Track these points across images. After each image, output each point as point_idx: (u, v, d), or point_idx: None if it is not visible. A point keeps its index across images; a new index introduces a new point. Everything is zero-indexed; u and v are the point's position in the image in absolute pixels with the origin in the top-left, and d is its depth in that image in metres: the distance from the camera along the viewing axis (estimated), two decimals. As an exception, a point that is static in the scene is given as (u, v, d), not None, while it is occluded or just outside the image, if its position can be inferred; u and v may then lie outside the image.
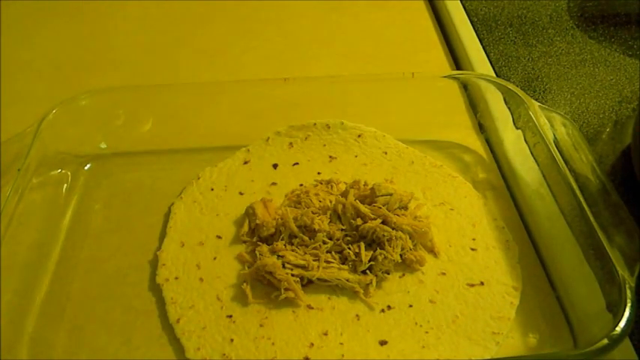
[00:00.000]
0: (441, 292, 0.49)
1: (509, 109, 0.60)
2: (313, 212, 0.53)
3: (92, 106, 0.60)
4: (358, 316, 0.48)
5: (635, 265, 0.44)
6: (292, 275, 0.49)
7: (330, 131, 0.63)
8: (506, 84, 0.60)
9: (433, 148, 0.63)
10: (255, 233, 0.53)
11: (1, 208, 0.49)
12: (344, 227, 0.52)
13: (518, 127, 0.59)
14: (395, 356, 0.45)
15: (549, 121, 0.56)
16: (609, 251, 0.45)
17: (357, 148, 0.62)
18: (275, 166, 0.61)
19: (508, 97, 0.60)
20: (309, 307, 0.48)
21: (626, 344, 0.45)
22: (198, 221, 0.55)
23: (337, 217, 0.52)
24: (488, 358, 0.45)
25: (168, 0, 0.90)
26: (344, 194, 0.54)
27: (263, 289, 0.49)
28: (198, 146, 0.63)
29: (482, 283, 0.49)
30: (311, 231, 0.51)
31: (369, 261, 0.49)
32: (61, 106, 0.58)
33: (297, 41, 0.81)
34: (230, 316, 0.48)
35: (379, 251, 0.49)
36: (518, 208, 0.57)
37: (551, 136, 0.54)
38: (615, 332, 0.40)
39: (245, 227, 0.54)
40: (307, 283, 0.49)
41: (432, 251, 0.52)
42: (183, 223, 0.55)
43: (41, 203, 0.55)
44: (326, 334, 0.46)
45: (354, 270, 0.50)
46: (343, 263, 0.50)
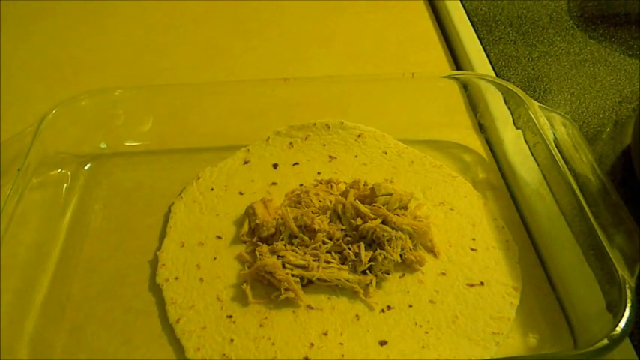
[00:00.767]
0: (441, 292, 0.49)
1: (509, 109, 0.60)
2: (313, 212, 0.53)
3: (92, 106, 0.60)
4: (358, 316, 0.48)
5: (635, 265, 0.44)
6: (292, 275, 0.49)
7: (330, 131, 0.63)
8: (506, 84, 0.60)
9: (433, 148, 0.63)
10: (255, 233, 0.53)
11: (1, 208, 0.49)
12: (344, 227, 0.52)
13: (518, 127, 0.59)
14: (395, 356, 0.45)
15: (549, 121, 0.56)
16: (609, 251, 0.45)
17: (357, 148, 0.62)
18: (275, 166, 0.61)
19: (508, 97, 0.60)
20: (309, 307, 0.48)
21: (626, 344, 0.45)
22: (198, 221, 0.55)
23: (337, 217, 0.52)
24: (488, 358, 0.45)
25: (168, 0, 0.90)
26: (344, 194, 0.54)
27: (263, 289, 0.49)
28: (198, 146, 0.63)
29: (482, 283, 0.49)
30: (311, 231, 0.51)
31: (369, 261, 0.49)
32: (61, 106, 0.58)
33: (297, 41, 0.81)
34: (230, 316, 0.48)
35: (379, 251, 0.49)
36: (518, 208, 0.57)
37: (551, 136, 0.54)
38: (615, 332, 0.40)
39: (245, 227, 0.54)
40: (307, 283, 0.49)
41: (432, 251, 0.52)
42: (183, 223, 0.55)
43: (41, 203, 0.55)
44: (326, 334, 0.46)
45: (354, 270, 0.50)
46: (343, 263, 0.50)
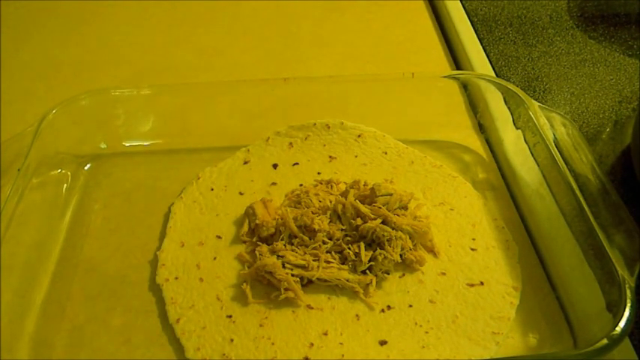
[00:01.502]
0: (440, 292, 0.49)
1: (509, 109, 0.60)
2: (313, 212, 0.53)
3: (92, 106, 0.60)
4: (358, 316, 0.48)
5: (635, 265, 0.44)
6: (292, 275, 0.49)
7: (330, 131, 0.63)
8: (506, 84, 0.60)
9: (433, 148, 0.63)
10: (255, 233, 0.53)
11: (1, 208, 0.49)
12: (344, 227, 0.52)
13: (518, 127, 0.59)
14: (395, 356, 0.45)
15: (549, 121, 0.56)
16: (609, 251, 0.45)
17: (357, 148, 0.62)
18: (275, 166, 0.61)
19: (508, 97, 0.60)
20: (309, 307, 0.48)
21: (626, 344, 0.45)
22: (198, 221, 0.55)
23: (337, 217, 0.52)
24: (488, 358, 0.45)
25: (168, 0, 0.90)
26: (344, 194, 0.53)
27: (263, 289, 0.49)
28: (198, 146, 0.63)
29: (482, 283, 0.49)
30: (311, 231, 0.51)
31: (369, 261, 0.49)
32: (61, 106, 0.58)
33: (297, 41, 0.81)
34: (230, 316, 0.48)
35: (379, 251, 0.49)
36: (518, 208, 0.57)
37: (551, 136, 0.54)
38: (615, 332, 0.40)
39: (245, 227, 0.54)
40: (307, 283, 0.49)
41: (431, 251, 0.52)
42: (183, 223, 0.55)
43: (41, 203, 0.55)
44: (326, 334, 0.46)
45: (354, 270, 0.50)
46: (343, 263, 0.50)
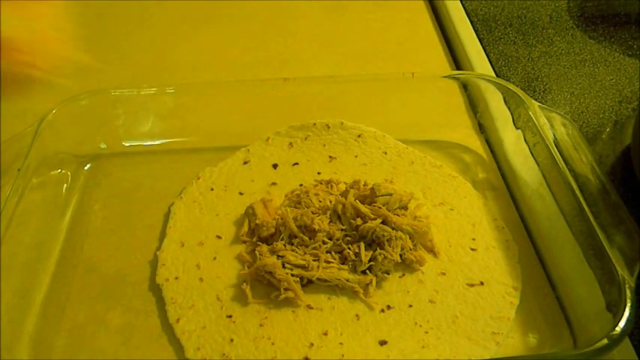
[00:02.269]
0: (440, 292, 0.49)
1: (509, 109, 0.60)
2: (313, 212, 0.53)
3: (92, 106, 0.60)
4: (358, 316, 0.48)
5: (635, 265, 0.44)
6: (292, 275, 0.49)
7: (329, 131, 0.63)
8: (506, 84, 0.60)
9: (433, 148, 0.63)
10: (255, 233, 0.53)
11: (1, 208, 0.49)
12: (344, 227, 0.52)
13: (518, 127, 0.59)
14: (395, 356, 0.45)
15: (549, 121, 0.56)
16: (609, 251, 0.45)
17: (357, 148, 0.62)
18: (275, 166, 0.61)
19: (508, 97, 0.60)
20: (309, 307, 0.48)
21: (626, 344, 0.45)
22: (198, 221, 0.55)
23: (337, 217, 0.52)
24: (488, 358, 0.45)
25: (168, 0, 0.90)
26: (344, 194, 0.53)
27: (263, 289, 0.49)
28: (198, 146, 0.63)
29: (482, 283, 0.49)
30: (311, 231, 0.51)
31: (369, 261, 0.49)
32: (61, 106, 0.58)
33: (297, 41, 0.81)
34: (230, 316, 0.48)
35: (379, 251, 0.49)
36: (518, 208, 0.57)
37: (551, 136, 0.54)
38: (615, 332, 0.40)
39: (245, 227, 0.54)
40: (307, 283, 0.49)
41: (431, 251, 0.52)
42: (183, 223, 0.55)
43: (41, 203, 0.55)
44: (326, 334, 0.46)
45: (354, 270, 0.50)
46: (343, 263, 0.50)
